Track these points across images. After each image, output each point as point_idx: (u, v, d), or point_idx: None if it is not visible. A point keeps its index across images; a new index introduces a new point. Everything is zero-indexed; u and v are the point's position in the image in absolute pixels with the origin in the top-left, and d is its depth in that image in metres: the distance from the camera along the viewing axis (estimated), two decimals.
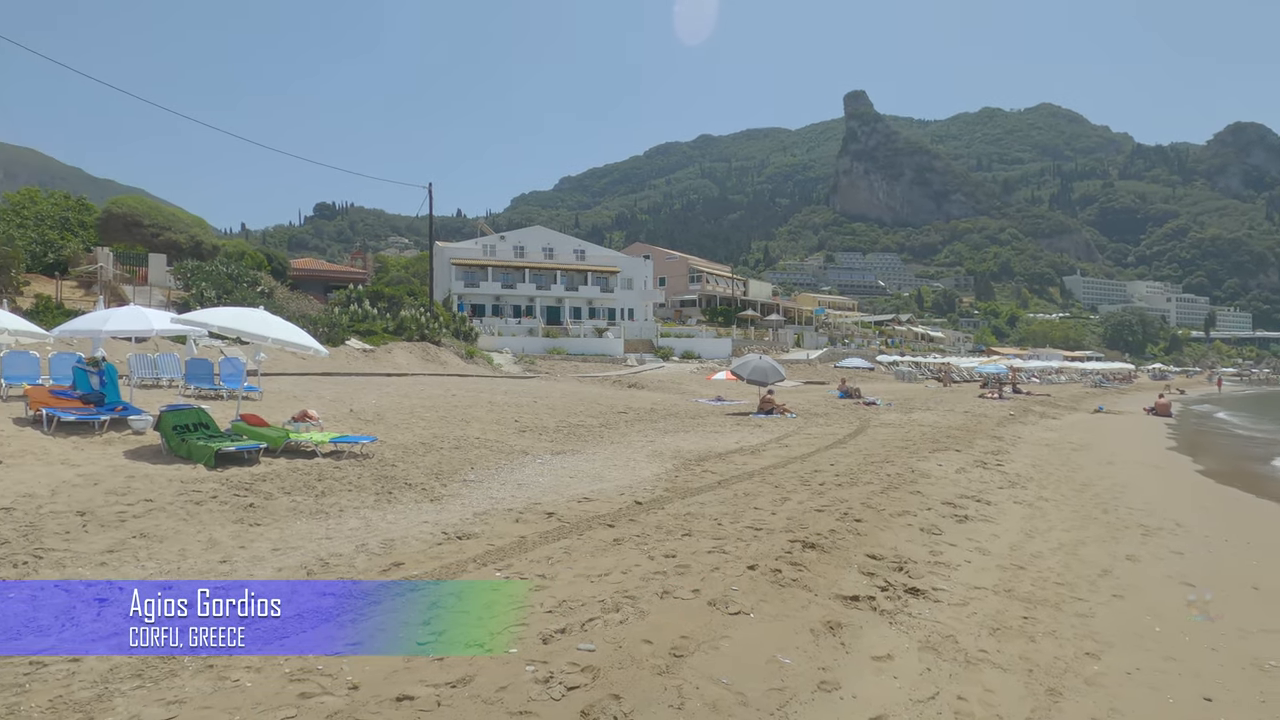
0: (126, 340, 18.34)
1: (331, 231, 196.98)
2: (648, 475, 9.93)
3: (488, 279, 57.95)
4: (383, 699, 3.33)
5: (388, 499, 7.90)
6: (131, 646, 3.88)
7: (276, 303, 29.16)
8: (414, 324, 32.75)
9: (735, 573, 5.40)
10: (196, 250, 35.24)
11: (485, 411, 15.80)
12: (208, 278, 28.53)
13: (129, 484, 7.62)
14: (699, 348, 53.63)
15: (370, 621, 4.33)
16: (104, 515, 6.52)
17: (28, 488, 7.14)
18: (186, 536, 6.11)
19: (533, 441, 12.66)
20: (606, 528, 6.84)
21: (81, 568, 5.22)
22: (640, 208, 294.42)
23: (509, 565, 5.53)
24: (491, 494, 8.37)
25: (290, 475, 8.53)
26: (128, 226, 35.28)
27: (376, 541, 6.16)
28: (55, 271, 28.50)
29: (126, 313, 11.53)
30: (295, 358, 24.68)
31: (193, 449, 8.95)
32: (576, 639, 4.08)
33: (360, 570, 5.35)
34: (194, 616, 4.36)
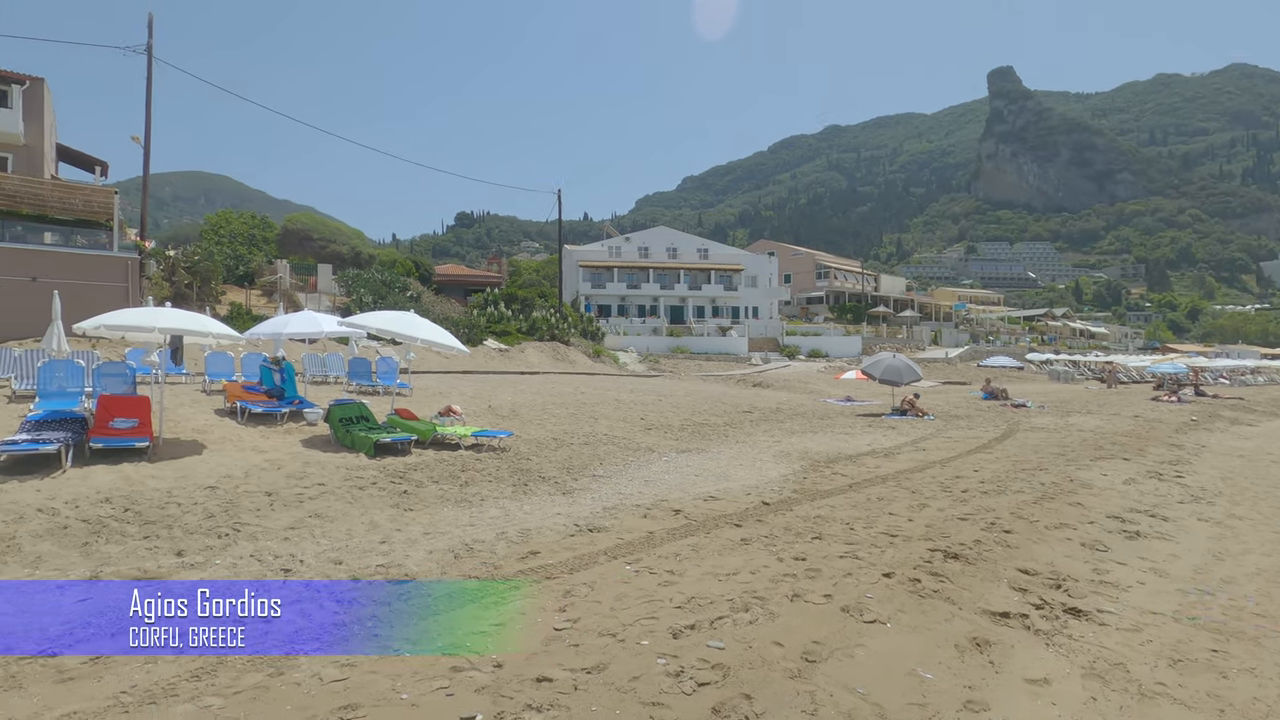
0: (301, 342, 20.64)
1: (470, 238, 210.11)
2: (774, 476, 9.76)
3: (613, 280, 59.38)
4: (524, 679, 3.52)
5: (523, 490, 8.32)
6: (305, 617, 4.38)
7: (423, 306, 31.61)
8: (545, 324, 34.23)
9: (869, 580, 5.19)
10: (356, 260, 38.95)
11: (612, 409, 16.22)
12: (365, 284, 31.40)
13: (305, 469, 8.57)
14: (826, 346, 51.90)
15: (510, 605, 4.60)
16: (286, 496, 7.39)
17: (227, 470, 8.23)
18: (352, 518, 6.79)
19: (658, 439, 12.84)
20: (733, 527, 6.80)
21: (270, 541, 5.95)
22: (764, 204, 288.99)
23: (638, 560, 5.65)
24: (620, 489, 8.59)
25: (437, 465, 9.22)
26: (301, 240, 39.66)
27: (515, 530, 6.51)
28: (245, 281, 32.60)
29: (301, 317, 12.95)
30: (439, 357, 26.63)
31: (356, 439, 9.92)
32: (706, 636, 4.10)
33: (500, 557, 5.68)
34: (363, 588, 4.84)
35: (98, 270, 22.86)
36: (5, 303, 18.39)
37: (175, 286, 25.70)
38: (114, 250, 23.57)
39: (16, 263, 21.49)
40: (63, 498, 6.63)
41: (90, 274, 22.50)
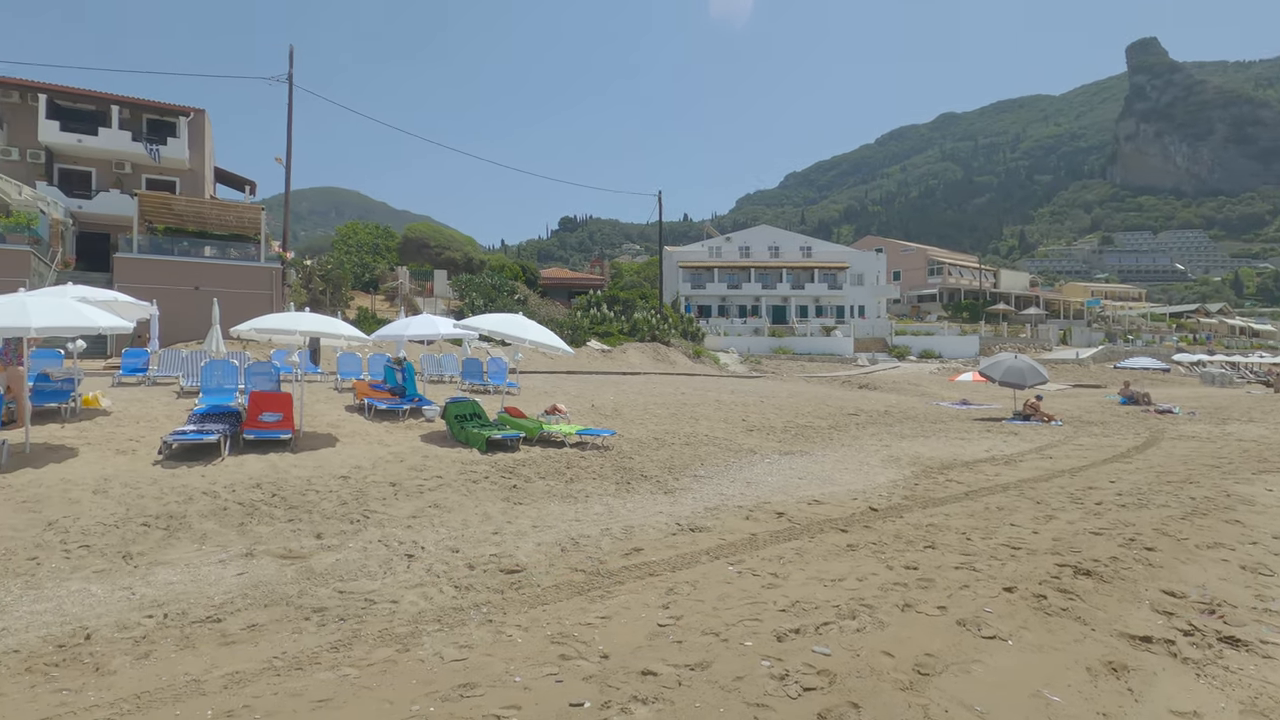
0: (419, 343, 22.00)
1: (573, 242, 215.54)
2: (883, 481, 9.39)
3: (713, 280, 59.10)
4: (630, 670, 3.61)
5: (626, 488, 8.48)
6: (427, 600, 4.68)
7: (529, 308, 32.84)
8: (645, 325, 34.63)
9: (989, 593, 4.90)
10: (468, 265, 41.03)
11: (713, 410, 16.17)
12: (477, 288, 33.04)
13: (424, 462, 9.15)
14: (939, 346, 49.19)
15: (615, 600, 4.72)
16: (408, 486, 7.93)
17: (356, 461, 8.93)
18: (467, 509, 7.19)
19: (760, 441, 12.67)
20: (839, 532, 6.62)
21: (395, 528, 6.41)
22: (871, 199, 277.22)
23: (741, 561, 5.62)
24: (721, 490, 8.57)
25: (544, 462, 9.57)
26: (419, 248, 42.26)
27: (619, 527, 6.66)
28: (370, 287, 35.17)
29: (421, 320, 13.82)
30: (545, 357, 27.57)
31: (469, 435, 10.48)
32: (811, 641, 4.03)
33: (605, 552, 5.83)
34: (477, 577, 5.11)
35: (248, 279, 25.40)
36: (174, 309, 20.80)
37: (311, 293, 28.11)
38: (261, 261, 26.12)
39: (184, 274, 24.29)
40: (222, 482, 7.44)
41: (241, 282, 25.04)
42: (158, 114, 31.63)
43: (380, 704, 3.22)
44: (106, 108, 30.53)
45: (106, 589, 4.70)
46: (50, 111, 29.69)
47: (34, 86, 29.40)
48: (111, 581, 4.84)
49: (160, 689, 3.35)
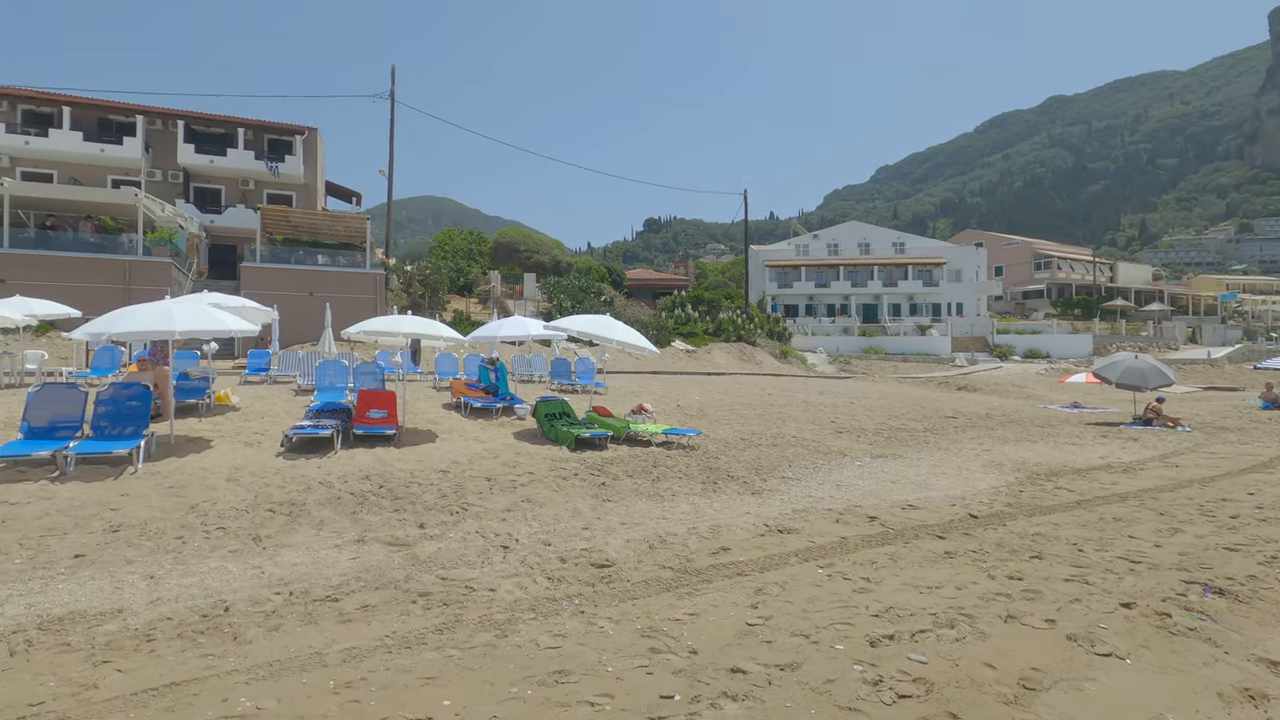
0: (511, 344, 22.79)
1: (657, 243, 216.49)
2: (983, 487, 8.94)
3: (800, 279, 57.91)
4: (719, 667, 3.64)
5: (713, 488, 8.49)
6: (522, 589, 4.88)
7: (615, 309, 33.30)
8: (731, 325, 34.36)
9: (1104, 609, 4.59)
10: (556, 268, 42.09)
11: (800, 411, 15.87)
12: (565, 290, 33.84)
13: (517, 459, 9.50)
14: (1047, 345, 46.07)
15: (703, 597, 4.75)
16: (502, 481, 8.26)
17: (455, 457, 9.38)
18: (558, 504, 7.41)
19: (850, 443, 12.34)
20: (936, 539, 6.37)
21: (491, 521, 6.71)
22: (970, 190, 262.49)
23: (831, 564, 5.52)
24: (810, 492, 8.42)
25: (631, 460, 9.72)
26: (510, 253, 43.74)
27: (705, 526, 6.68)
28: (464, 291, 36.73)
29: (512, 322, 14.33)
30: (630, 357, 27.88)
31: (559, 434, 10.78)
32: (906, 648, 3.92)
33: (692, 550, 5.87)
34: (569, 570, 5.27)
35: (354, 285, 27.11)
36: (292, 313, 22.49)
37: (411, 297, 29.68)
38: (366, 268, 27.82)
39: (299, 281, 26.22)
40: (336, 474, 8.02)
41: (349, 288, 26.76)
42: (276, 134, 34.34)
43: (482, 685, 3.40)
44: (234, 131, 33.43)
45: (240, 567, 5.19)
46: (187, 136, 32.83)
47: (174, 114, 32.60)
48: (244, 561, 5.33)
49: (288, 659, 3.68)
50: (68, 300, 16.28)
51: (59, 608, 4.32)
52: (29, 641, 3.83)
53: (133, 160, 31.45)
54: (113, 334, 8.26)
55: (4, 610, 4.25)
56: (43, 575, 4.87)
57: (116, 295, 22.01)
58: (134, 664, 3.60)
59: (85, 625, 4.07)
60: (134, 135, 31.62)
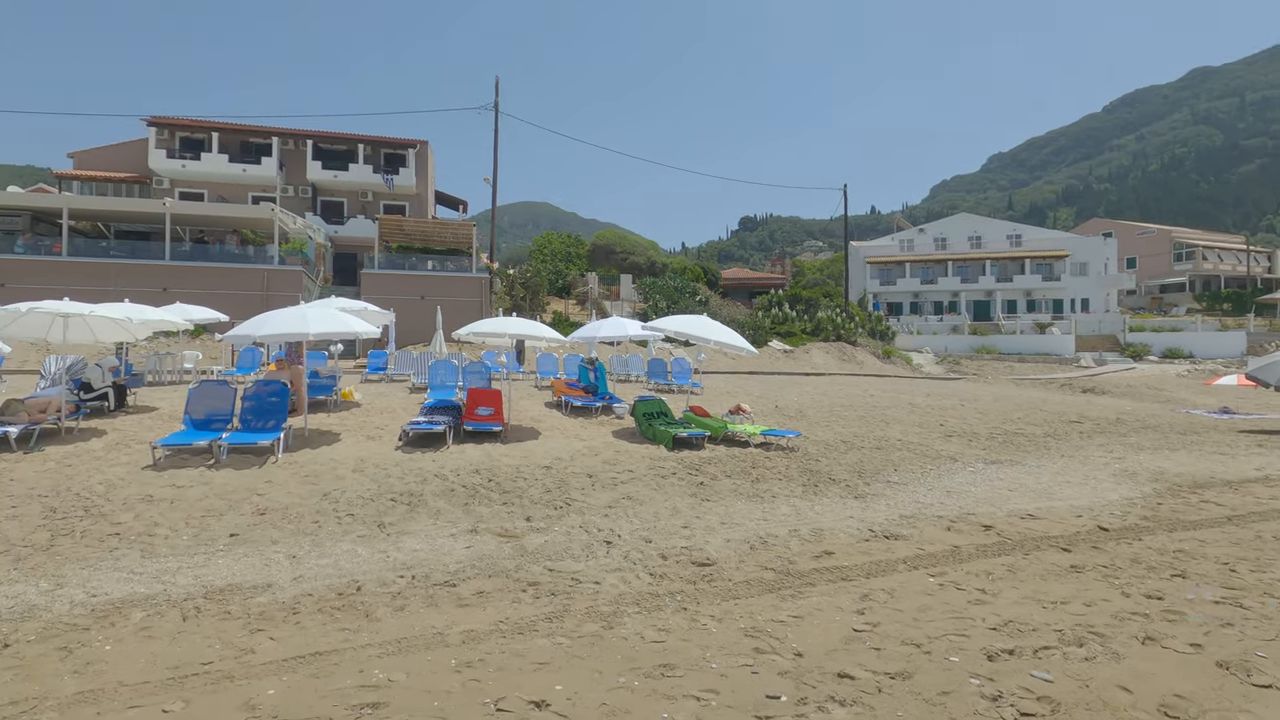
0: (608, 344, 23.21)
1: (753, 242, 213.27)
2: (1115, 498, 8.25)
3: (904, 275, 55.44)
4: (825, 672, 3.59)
5: (814, 491, 8.32)
6: (626, 584, 4.99)
7: (711, 309, 33.20)
8: (830, 325, 33.42)
9: (1263, 635, 4.15)
10: (651, 269, 42.46)
11: (906, 413, 15.23)
12: (660, 291, 34.08)
13: (616, 457, 9.69)
14: (1190, 343, 41.69)
15: (807, 600, 4.69)
16: (603, 478, 8.46)
17: (557, 453, 9.70)
18: (657, 503, 7.51)
19: (961, 447, 11.72)
20: (1060, 551, 5.96)
21: (594, 516, 6.90)
22: (1097, 176, 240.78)
23: (943, 573, 5.30)
24: (917, 498, 8.08)
25: (729, 461, 9.69)
26: (606, 254, 44.54)
27: (807, 529, 6.57)
28: (562, 293, 37.77)
29: (611, 323, 14.62)
30: (726, 357, 27.71)
31: (656, 433, 10.90)
32: (1028, 664, 3.71)
33: (794, 553, 5.80)
34: (670, 567, 5.35)
35: (461, 288, 28.52)
36: (405, 315, 23.97)
37: (513, 299, 30.85)
38: (473, 272, 29.19)
39: (412, 285, 27.87)
40: (449, 467, 8.50)
41: (457, 291, 28.17)
42: (392, 149, 36.67)
43: (591, 673, 3.53)
44: (355, 147, 36.00)
45: (368, 551, 5.62)
46: (315, 154, 35.68)
47: (304, 134, 35.50)
48: (371, 545, 5.78)
49: (414, 637, 3.97)
50: (217, 305, 18.10)
51: (219, 580, 4.85)
52: (197, 609, 4.34)
53: (269, 178, 34.57)
54: (257, 336, 9.15)
55: (176, 580, 4.83)
56: (205, 551, 5.48)
57: (256, 301, 24.30)
58: (283, 633, 4.00)
59: (241, 596, 4.56)
60: (270, 155, 34.75)
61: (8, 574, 4.87)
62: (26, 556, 5.21)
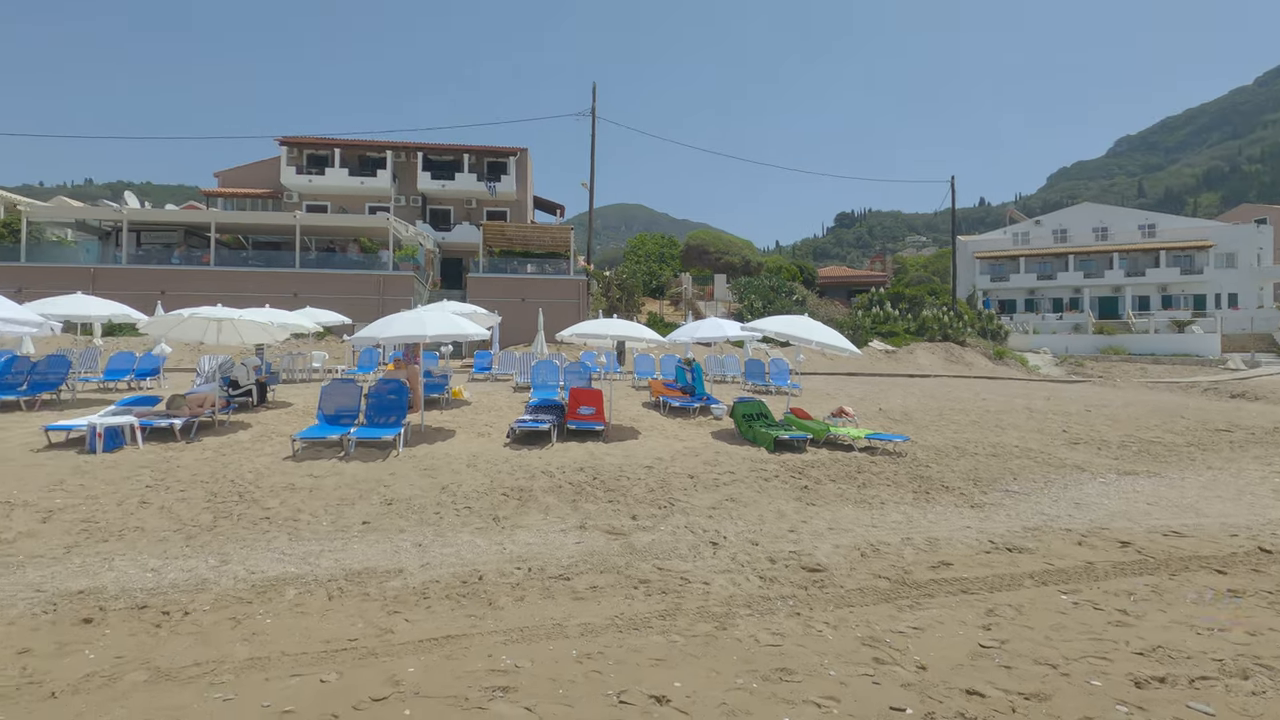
0: (703, 345, 23.17)
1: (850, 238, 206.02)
2: (1277, 516, 7.41)
3: (1019, 271, 51.95)
4: (951, 687, 3.45)
5: (925, 498, 7.98)
6: (735, 586, 4.99)
7: (808, 309, 32.43)
8: (936, 324, 31.86)
9: None
10: (745, 268, 41.99)
11: (1023, 418, 14.30)
12: (755, 290, 33.65)
13: (717, 458, 9.68)
14: None
15: (926, 612, 4.52)
16: (705, 479, 8.48)
17: (658, 453, 9.81)
18: (761, 505, 7.45)
19: (1089, 456, 10.87)
20: (1214, 573, 5.43)
21: (698, 517, 6.93)
22: (1247, 157, 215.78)
23: (1076, 591, 4.95)
24: (1041, 509, 7.58)
25: (833, 465, 9.45)
26: (699, 255, 44.45)
27: (921, 538, 6.32)
28: (656, 294, 38.02)
29: (709, 323, 14.60)
30: (825, 358, 27.00)
31: (757, 434, 10.80)
32: (1184, 694, 3.41)
33: (909, 562, 5.59)
34: (779, 571, 5.30)
35: (560, 290, 29.31)
36: (507, 317, 24.96)
37: (609, 300, 31.39)
38: (570, 274, 29.94)
39: (514, 288, 28.93)
40: (555, 464, 8.78)
41: (555, 293, 28.99)
42: (494, 157, 38.21)
43: (708, 672, 3.57)
44: (460, 157, 37.79)
45: (486, 542, 5.91)
46: (424, 165, 37.73)
47: (414, 147, 37.63)
48: (488, 537, 6.07)
49: (534, 626, 4.15)
50: (339, 309, 19.52)
51: (357, 564, 5.26)
52: (340, 589, 4.73)
53: (384, 189, 36.90)
54: (382, 338, 9.81)
55: (320, 562, 5.27)
56: (342, 537, 5.95)
57: (373, 304, 26.00)
58: (417, 616, 4.29)
59: (377, 580, 4.92)
60: (385, 168, 37.08)
61: (181, 550, 5.49)
62: (195, 535, 5.85)
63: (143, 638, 3.92)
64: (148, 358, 15.48)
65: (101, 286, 24.80)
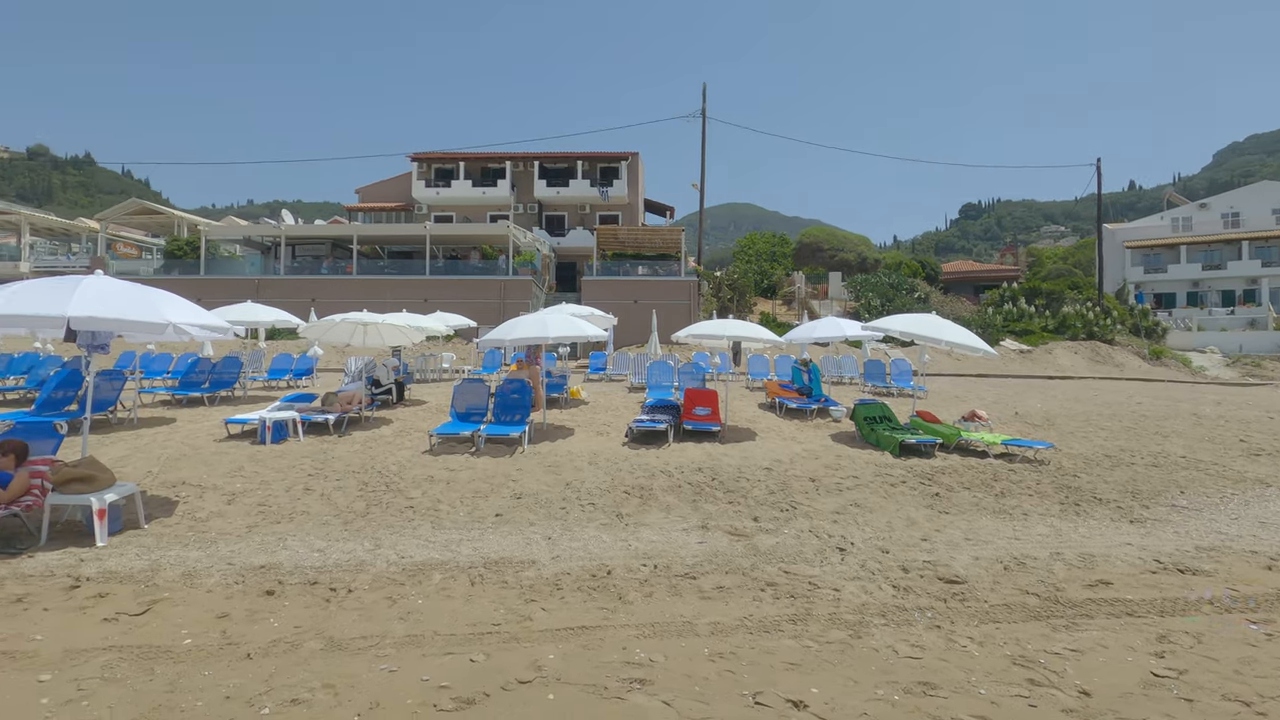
0: (819, 345, 22.54)
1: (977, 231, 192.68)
2: None
3: (1178, 260, 46.56)
4: (1121, 716, 3.17)
5: (1075, 511, 7.35)
6: (866, 594, 4.82)
7: (930, 306, 30.71)
8: (1078, 321, 29.20)
9: None
10: (862, 265, 40.40)
11: (1188, 425, 12.81)
12: (873, 288, 32.30)
13: (838, 461, 9.39)
14: None
15: (1084, 634, 4.17)
16: (827, 483, 8.25)
17: (776, 455, 9.65)
18: (889, 512, 7.15)
19: (1274, 470, 9.57)
20: None
21: (821, 521, 6.76)
22: None
23: (1269, 621, 4.38)
24: (1217, 528, 6.77)
25: (966, 471, 8.90)
26: (813, 252, 43.26)
27: (1072, 553, 5.83)
28: (768, 293, 37.40)
29: (826, 323, 14.19)
30: (951, 358, 25.47)
31: (880, 438, 10.37)
32: None
33: (1060, 579, 5.17)
34: (914, 580, 5.08)
35: (671, 291, 29.51)
36: (621, 318, 25.46)
37: (720, 301, 31.23)
38: (681, 275, 30.08)
39: (626, 290, 29.45)
40: (673, 464, 8.86)
41: (666, 295, 29.21)
42: (606, 162, 39.09)
43: (845, 680, 3.48)
44: (574, 164, 38.97)
45: (611, 538, 6.07)
46: (540, 174, 39.23)
47: (531, 157, 39.22)
48: (613, 533, 6.23)
49: (664, 622, 4.21)
50: (464, 313, 20.70)
51: (493, 553, 5.57)
52: (480, 576, 5.02)
53: (503, 198, 38.73)
54: (508, 340, 10.31)
55: (460, 550, 5.63)
56: (478, 527, 6.32)
57: (494, 308, 27.34)
58: (552, 605, 4.48)
59: (513, 570, 5.18)
60: (504, 178, 38.92)
61: (341, 533, 6.05)
62: (351, 520, 6.42)
63: (315, 610, 4.35)
64: (303, 359, 17.15)
65: (265, 295, 27.73)
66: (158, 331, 6.14)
